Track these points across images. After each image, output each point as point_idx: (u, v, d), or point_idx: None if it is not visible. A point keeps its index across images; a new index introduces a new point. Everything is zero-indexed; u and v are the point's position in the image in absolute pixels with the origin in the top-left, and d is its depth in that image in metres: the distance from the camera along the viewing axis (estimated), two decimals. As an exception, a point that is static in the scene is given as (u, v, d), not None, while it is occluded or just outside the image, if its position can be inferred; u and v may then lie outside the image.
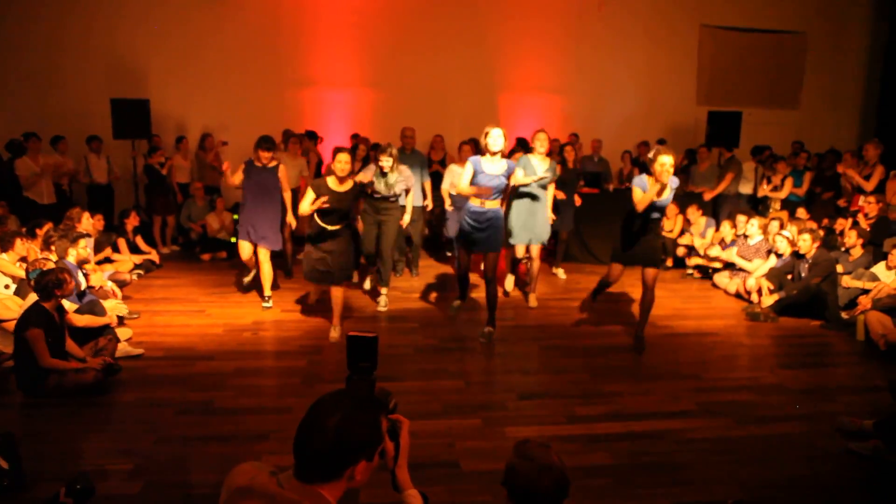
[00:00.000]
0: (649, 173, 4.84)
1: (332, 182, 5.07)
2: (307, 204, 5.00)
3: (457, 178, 6.85)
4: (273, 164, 6.02)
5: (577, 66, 10.61)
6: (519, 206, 6.22)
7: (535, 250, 6.33)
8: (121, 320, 5.49)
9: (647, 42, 10.70)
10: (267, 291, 6.17)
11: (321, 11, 10.01)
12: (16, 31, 9.41)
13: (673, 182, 4.83)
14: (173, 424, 3.84)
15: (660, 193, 4.79)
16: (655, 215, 5.02)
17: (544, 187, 6.23)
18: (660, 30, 10.69)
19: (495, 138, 5.01)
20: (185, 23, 9.71)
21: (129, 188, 9.11)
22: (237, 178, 6.02)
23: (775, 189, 8.40)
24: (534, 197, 6.17)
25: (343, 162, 5.02)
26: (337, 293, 5.29)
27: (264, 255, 6.06)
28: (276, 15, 9.91)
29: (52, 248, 5.44)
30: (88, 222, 6.54)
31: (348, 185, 5.14)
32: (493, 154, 5.04)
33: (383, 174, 5.90)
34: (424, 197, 7.17)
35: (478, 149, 6.47)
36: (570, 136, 9.56)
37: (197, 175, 9.27)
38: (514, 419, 4.01)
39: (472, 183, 5.06)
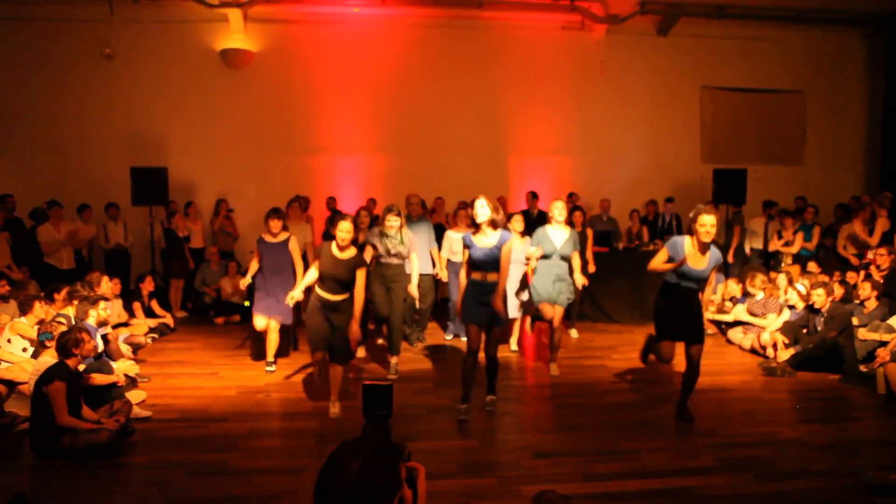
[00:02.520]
0: (690, 233, 4.65)
1: (333, 248, 4.90)
2: (313, 273, 4.99)
3: (454, 244, 6.98)
4: (283, 237, 6.05)
5: (582, 129, 10.89)
6: (543, 271, 5.93)
7: (558, 314, 5.90)
8: (134, 383, 5.51)
9: (649, 103, 11.01)
10: (270, 357, 6.18)
11: (333, 81, 10.42)
12: (40, 104, 9.87)
13: (715, 254, 4.63)
14: (185, 486, 3.80)
15: (680, 263, 4.53)
16: (692, 286, 4.68)
17: (566, 259, 5.90)
18: (662, 91, 11.01)
19: (479, 209, 4.76)
20: (201, 93, 10.14)
21: (146, 253, 9.29)
22: (255, 265, 6.09)
23: (787, 244, 8.44)
24: (558, 265, 5.89)
25: (344, 231, 4.81)
26: (336, 371, 4.97)
27: (273, 325, 6.08)
28: (288, 84, 10.32)
29: (74, 304, 5.54)
30: (107, 286, 6.66)
31: (350, 252, 4.91)
32: (480, 225, 4.78)
33: (385, 235, 5.96)
34: (434, 265, 7.08)
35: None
36: (569, 196, 9.60)
37: (211, 240, 9.45)
38: (530, 478, 3.93)
39: (469, 259, 4.85)
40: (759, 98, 11.24)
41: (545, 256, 5.88)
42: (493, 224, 4.79)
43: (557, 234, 5.88)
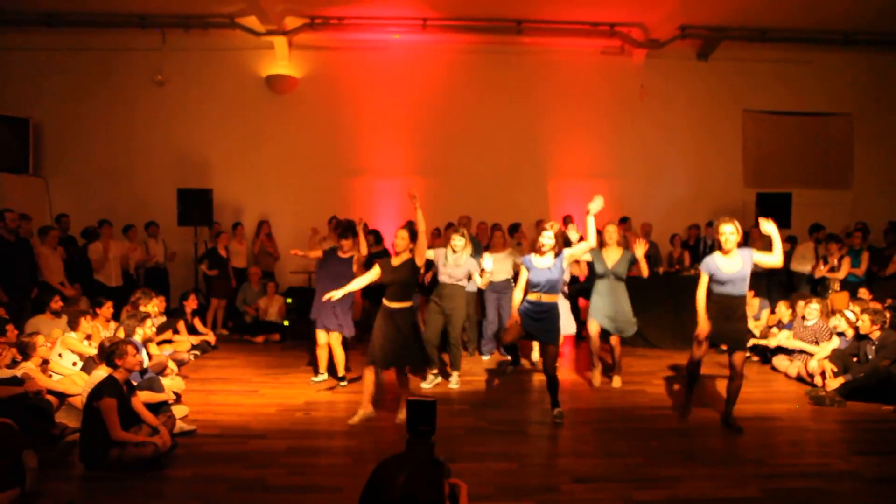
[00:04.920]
0: (720, 249, 4.95)
1: (392, 258, 5.34)
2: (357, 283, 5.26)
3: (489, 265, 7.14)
4: (349, 254, 6.23)
5: (623, 152, 10.85)
6: (600, 291, 6.28)
7: (615, 340, 6.37)
8: (178, 397, 5.62)
9: (689, 127, 10.92)
10: (341, 372, 6.34)
11: (373, 106, 10.63)
12: (94, 128, 10.32)
13: (743, 252, 4.91)
14: (227, 500, 3.85)
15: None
16: (734, 291, 4.92)
17: (621, 278, 6.22)
18: (702, 115, 10.92)
19: (546, 239, 5.16)
20: (246, 117, 10.48)
21: (190, 272, 9.52)
22: (316, 253, 6.34)
23: (832, 270, 8.21)
24: (614, 286, 6.21)
25: (401, 238, 5.27)
26: (405, 381, 5.35)
27: (336, 340, 6.23)
28: (330, 109, 10.57)
29: (116, 324, 5.71)
30: (154, 305, 6.85)
31: (404, 257, 5.25)
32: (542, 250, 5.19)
33: (453, 252, 6.19)
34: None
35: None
36: (621, 220, 9.71)
37: (253, 260, 9.66)
38: (569, 503, 3.87)
39: (528, 280, 5.20)
40: (803, 121, 11.04)
41: (600, 276, 6.24)
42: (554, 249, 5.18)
43: (611, 254, 6.25)
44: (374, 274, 5.25)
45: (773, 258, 4.95)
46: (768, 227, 4.91)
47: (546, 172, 10.81)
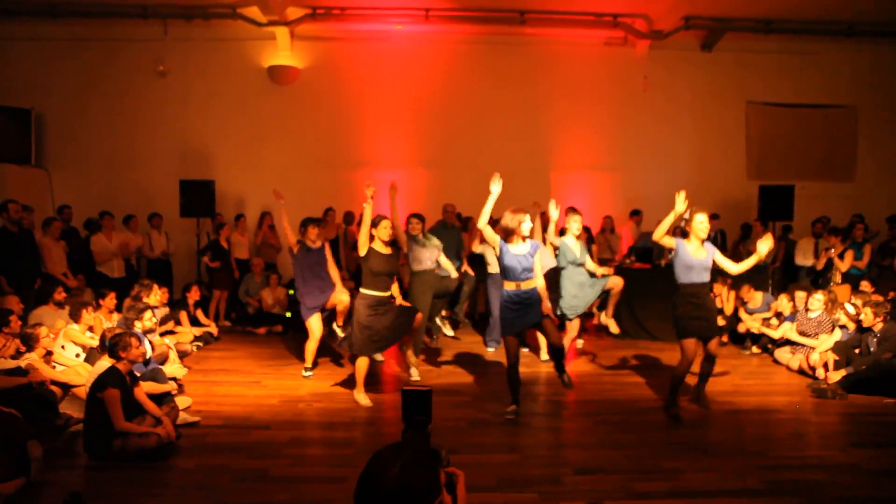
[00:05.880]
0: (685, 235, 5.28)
1: (379, 247, 5.41)
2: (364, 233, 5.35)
3: (490, 255, 7.31)
4: (319, 244, 6.37)
5: (625, 144, 10.82)
6: (568, 280, 6.49)
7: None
8: (180, 388, 5.64)
9: (693, 119, 10.88)
10: (308, 363, 6.41)
11: (376, 97, 10.60)
12: (96, 120, 10.29)
13: (709, 246, 5.15)
14: (230, 491, 3.87)
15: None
16: (702, 279, 5.15)
17: (583, 264, 6.55)
18: (706, 107, 10.88)
19: (526, 225, 5.03)
20: (248, 108, 10.45)
21: (193, 263, 9.53)
22: (293, 237, 6.34)
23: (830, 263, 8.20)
24: (576, 273, 6.50)
25: (385, 228, 5.40)
26: (409, 354, 5.71)
27: (317, 324, 6.27)
28: (333, 100, 10.54)
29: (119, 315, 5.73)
30: (156, 296, 6.86)
31: (391, 249, 5.50)
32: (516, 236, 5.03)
33: (416, 240, 6.37)
34: (459, 269, 7.47)
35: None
36: (632, 213, 10.04)
37: (255, 252, 9.66)
38: (571, 494, 3.89)
39: (501, 263, 5.09)
40: (807, 113, 11.00)
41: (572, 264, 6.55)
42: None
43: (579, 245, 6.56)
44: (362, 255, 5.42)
45: (731, 266, 5.27)
46: (765, 246, 5.07)
47: (548, 164, 10.78)
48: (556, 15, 10.00)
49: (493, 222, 5.05)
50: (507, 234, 4.98)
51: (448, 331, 7.84)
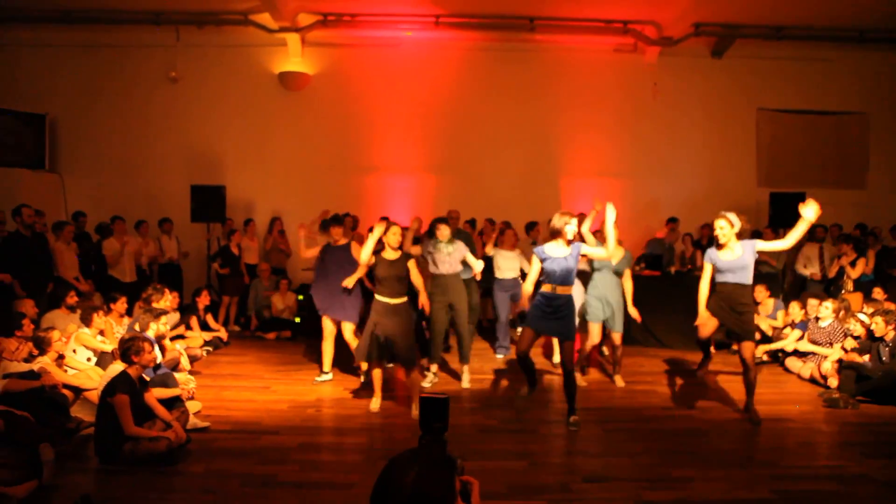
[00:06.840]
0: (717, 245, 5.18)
1: (386, 252, 5.39)
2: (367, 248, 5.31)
3: (501, 261, 7.39)
4: (344, 241, 6.28)
5: (635, 151, 10.80)
6: (595, 287, 6.29)
7: (617, 338, 6.33)
8: (191, 396, 5.66)
9: (704, 125, 10.85)
10: (326, 367, 6.40)
11: (386, 103, 10.63)
12: (108, 125, 10.38)
13: (745, 243, 5.06)
14: (239, 496, 3.89)
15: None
16: (737, 279, 5.07)
17: (619, 274, 6.28)
18: (716, 114, 10.84)
19: (571, 227, 5.06)
20: (259, 114, 10.51)
21: (203, 268, 9.58)
22: (311, 252, 6.32)
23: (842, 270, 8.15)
24: (608, 282, 6.25)
25: (394, 234, 5.35)
26: (412, 378, 5.42)
27: (349, 330, 6.24)
28: (343, 106, 10.59)
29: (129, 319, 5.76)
30: (167, 300, 6.90)
31: (398, 253, 5.40)
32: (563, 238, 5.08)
33: (436, 245, 6.19)
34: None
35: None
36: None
37: (264, 257, 9.71)
38: (580, 502, 3.88)
39: (542, 270, 5.10)
40: (818, 120, 10.94)
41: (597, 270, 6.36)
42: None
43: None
44: (364, 263, 5.41)
45: (779, 244, 5.13)
46: (811, 210, 4.80)
47: (558, 170, 10.78)
48: (565, 22, 10.02)
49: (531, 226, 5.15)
50: (553, 235, 5.09)
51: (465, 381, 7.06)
